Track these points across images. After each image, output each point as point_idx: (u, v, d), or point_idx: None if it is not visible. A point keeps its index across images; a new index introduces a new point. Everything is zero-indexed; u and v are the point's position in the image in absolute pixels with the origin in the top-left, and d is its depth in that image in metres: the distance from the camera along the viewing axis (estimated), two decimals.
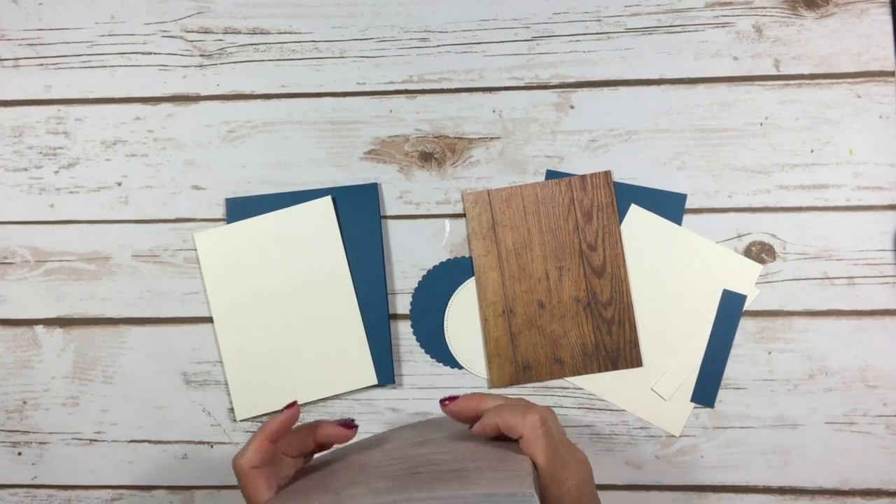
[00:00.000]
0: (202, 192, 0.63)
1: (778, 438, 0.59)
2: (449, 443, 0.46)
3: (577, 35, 0.62)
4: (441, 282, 0.61)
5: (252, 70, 0.63)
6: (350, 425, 0.48)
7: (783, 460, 0.59)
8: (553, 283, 0.60)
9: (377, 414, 0.61)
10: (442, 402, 0.48)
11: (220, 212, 0.62)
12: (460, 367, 0.60)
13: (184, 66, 0.64)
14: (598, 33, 0.62)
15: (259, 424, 0.61)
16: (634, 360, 0.59)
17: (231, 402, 0.61)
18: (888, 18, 0.61)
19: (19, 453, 0.62)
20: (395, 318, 0.61)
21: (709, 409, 0.59)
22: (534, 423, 0.44)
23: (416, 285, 0.61)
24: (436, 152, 0.62)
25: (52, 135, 0.64)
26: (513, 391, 0.60)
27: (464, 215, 0.61)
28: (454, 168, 0.62)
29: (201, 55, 0.64)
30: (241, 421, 0.61)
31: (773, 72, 0.61)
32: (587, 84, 0.62)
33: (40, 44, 0.65)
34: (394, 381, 0.61)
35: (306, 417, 0.61)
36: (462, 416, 0.48)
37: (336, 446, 0.50)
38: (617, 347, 0.59)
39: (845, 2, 0.61)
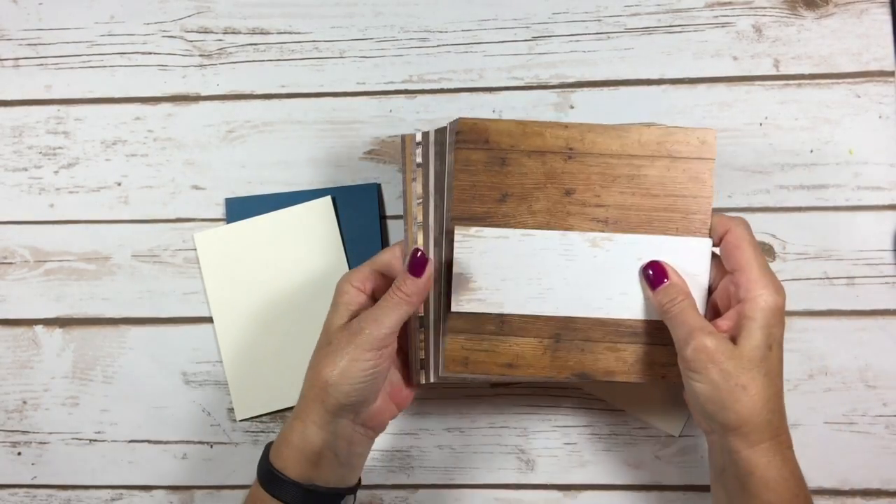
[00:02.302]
0: (202, 192, 0.63)
1: None
2: None
3: (577, 35, 0.62)
4: None
5: (252, 70, 0.63)
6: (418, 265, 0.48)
7: None
8: None
9: None
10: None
11: (220, 212, 0.62)
12: None
13: (184, 66, 0.64)
14: (598, 33, 0.62)
15: (258, 425, 0.61)
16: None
17: (231, 402, 0.61)
18: (888, 18, 0.61)
19: (19, 453, 0.62)
20: None
21: None
22: (742, 225, 0.47)
23: None
24: None
25: (52, 135, 0.64)
26: (512, 391, 0.60)
27: None
28: None
29: (201, 55, 0.64)
30: (241, 421, 0.61)
31: (773, 72, 0.61)
32: (587, 84, 0.62)
33: (40, 44, 0.65)
34: None
35: None
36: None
37: None
38: None
39: (845, 2, 0.61)
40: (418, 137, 0.50)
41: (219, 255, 0.62)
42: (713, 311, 0.49)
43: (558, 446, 0.60)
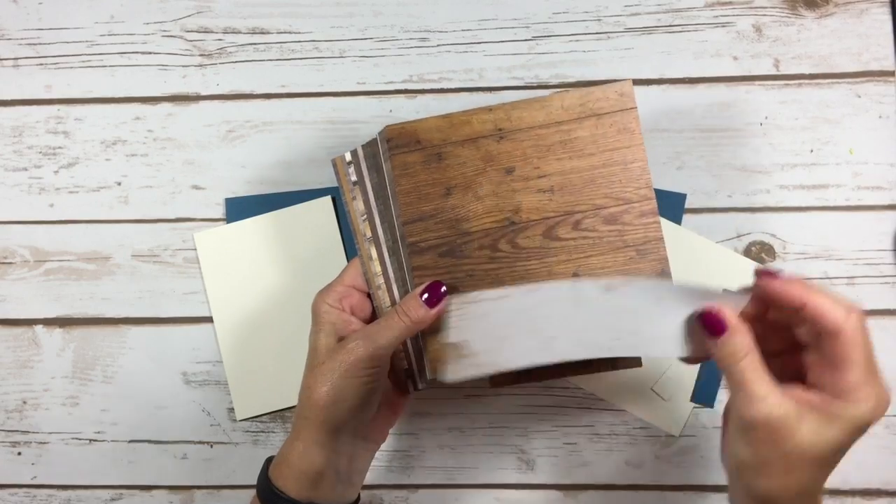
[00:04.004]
0: (202, 191, 0.63)
1: None
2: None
3: (577, 35, 0.62)
4: None
5: (252, 70, 0.63)
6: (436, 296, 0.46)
7: None
8: None
9: None
10: (763, 273, 0.42)
11: (220, 212, 0.62)
12: None
13: (184, 66, 0.64)
14: (597, 33, 0.62)
15: (258, 425, 0.61)
16: (634, 361, 0.59)
17: (231, 402, 0.61)
18: (888, 18, 0.61)
19: (19, 453, 0.62)
20: None
21: (709, 409, 0.59)
22: (858, 321, 0.39)
23: None
24: None
25: (52, 134, 0.64)
26: (513, 391, 0.60)
27: None
28: None
29: (201, 55, 0.64)
30: (241, 421, 0.61)
31: (773, 72, 0.61)
32: (587, 84, 0.62)
33: (40, 44, 0.65)
34: None
35: None
36: (778, 300, 0.41)
37: None
38: None
39: (845, 2, 0.61)
40: (348, 157, 0.51)
41: (219, 255, 0.62)
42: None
43: (558, 446, 0.60)
